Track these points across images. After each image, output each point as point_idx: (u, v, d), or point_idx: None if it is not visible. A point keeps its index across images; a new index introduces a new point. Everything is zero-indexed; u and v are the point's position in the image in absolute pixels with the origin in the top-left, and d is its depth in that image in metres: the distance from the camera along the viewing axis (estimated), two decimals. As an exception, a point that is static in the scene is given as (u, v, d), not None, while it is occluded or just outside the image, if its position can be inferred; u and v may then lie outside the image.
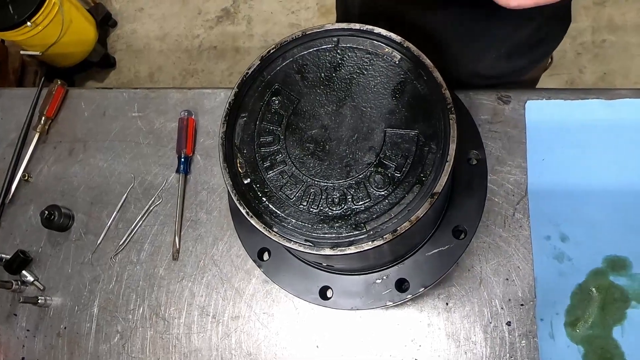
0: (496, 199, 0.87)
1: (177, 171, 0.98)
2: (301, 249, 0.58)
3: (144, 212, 0.98)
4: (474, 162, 0.75)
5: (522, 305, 0.83)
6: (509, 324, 0.82)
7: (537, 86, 1.14)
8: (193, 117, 1.02)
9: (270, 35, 2.55)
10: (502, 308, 0.83)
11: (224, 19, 2.62)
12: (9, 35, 2.06)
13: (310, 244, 0.58)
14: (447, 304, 0.84)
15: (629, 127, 0.91)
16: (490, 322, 0.83)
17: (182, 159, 0.98)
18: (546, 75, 1.10)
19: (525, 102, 0.93)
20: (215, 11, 2.65)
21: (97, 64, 2.52)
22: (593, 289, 0.84)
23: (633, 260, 0.84)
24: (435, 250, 0.72)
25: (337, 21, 1.12)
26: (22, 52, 2.22)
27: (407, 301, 0.78)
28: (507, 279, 0.84)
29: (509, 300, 0.83)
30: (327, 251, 0.58)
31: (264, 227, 0.60)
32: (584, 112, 0.92)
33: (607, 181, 0.89)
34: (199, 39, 2.59)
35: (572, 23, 0.95)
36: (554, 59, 1.09)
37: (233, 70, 2.50)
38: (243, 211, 0.61)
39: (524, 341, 0.81)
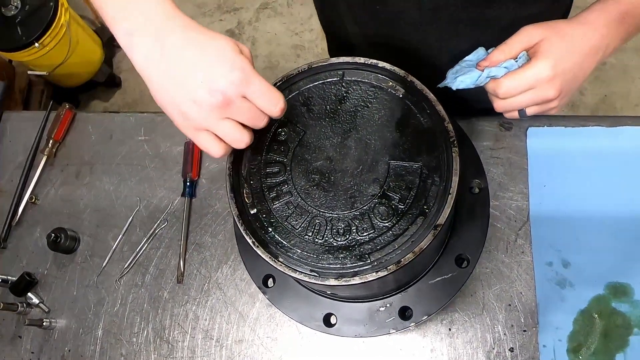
0: (498, 225, 0.88)
1: (183, 195, 1.00)
2: (306, 279, 0.59)
3: (149, 235, 0.99)
4: (476, 190, 0.76)
5: (524, 331, 0.83)
6: (511, 350, 0.83)
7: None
8: (199, 141, 1.03)
9: (274, 56, 2.58)
10: (504, 334, 0.83)
11: (229, 39, 2.65)
12: (17, 56, 2.09)
13: (316, 274, 0.59)
14: (450, 329, 0.85)
15: (629, 154, 0.92)
16: (493, 348, 0.83)
17: (188, 183, 1.00)
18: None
19: (527, 129, 0.94)
20: (220, 32, 2.67)
21: (103, 83, 2.54)
22: (595, 315, 0.84)
23: (635, 287, 0.85)
24: (439, 279, 0.73)
25: (329, 51, 1.12)
26: (29, 72, 2.24)
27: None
28: (509, 305, 0.85)
29: (512, 326, 0.84)
30: (332, 282, 0.58)
31: (269, 257, 0.61)
32: (585, 139, 0.94)
33: (608, 208, 0.89)
34: (204, 59, 2.61)
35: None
36: None
37: (237, 91, 2.52)
38: (249, 241, 0.62)
39: (526, 368, 0.81)
